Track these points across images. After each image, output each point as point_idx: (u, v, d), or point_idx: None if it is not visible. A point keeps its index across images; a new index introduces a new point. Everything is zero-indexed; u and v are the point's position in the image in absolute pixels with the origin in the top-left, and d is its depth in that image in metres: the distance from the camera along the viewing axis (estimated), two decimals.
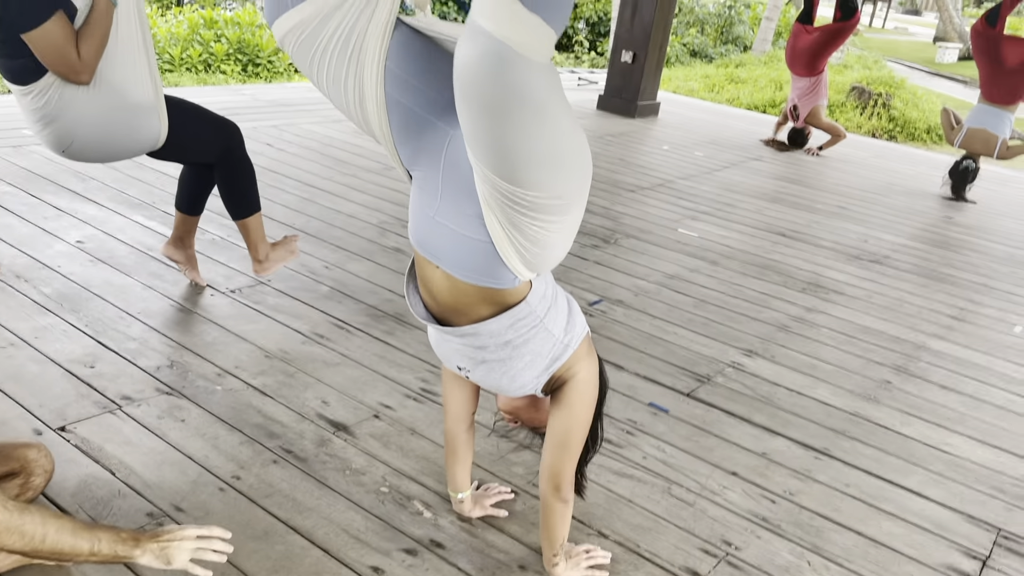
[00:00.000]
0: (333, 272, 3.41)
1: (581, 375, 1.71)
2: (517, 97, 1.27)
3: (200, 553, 1.59)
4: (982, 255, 4.97)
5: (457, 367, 1.75)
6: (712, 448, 2.51)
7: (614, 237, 4.36)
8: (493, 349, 1.64)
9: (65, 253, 3.19)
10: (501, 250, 1.48)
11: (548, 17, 1.26)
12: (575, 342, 1.71)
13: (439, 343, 1.76)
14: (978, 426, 2.88)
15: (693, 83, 12.74)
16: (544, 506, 1.80)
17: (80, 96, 2.38)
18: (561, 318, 1.68)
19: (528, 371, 1.67)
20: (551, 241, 1.48)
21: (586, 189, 1.48)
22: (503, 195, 1.39)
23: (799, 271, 4.23)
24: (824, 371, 3.13)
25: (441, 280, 1.60)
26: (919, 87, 13.85)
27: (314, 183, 4.55)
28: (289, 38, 1.52)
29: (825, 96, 7.08)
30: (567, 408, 1.72)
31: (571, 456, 1.75)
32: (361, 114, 1.54)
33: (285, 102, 6.49)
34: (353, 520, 1.98)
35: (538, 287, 1.63)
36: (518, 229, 1.44)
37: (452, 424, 1.95)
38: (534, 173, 1.35)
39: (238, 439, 2.23)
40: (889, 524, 2.27)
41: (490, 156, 1.34)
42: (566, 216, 1.46)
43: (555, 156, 1.36)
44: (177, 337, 2.71)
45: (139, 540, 1.56)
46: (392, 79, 1.49)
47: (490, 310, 1.60)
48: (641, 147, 6.79)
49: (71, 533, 1.50)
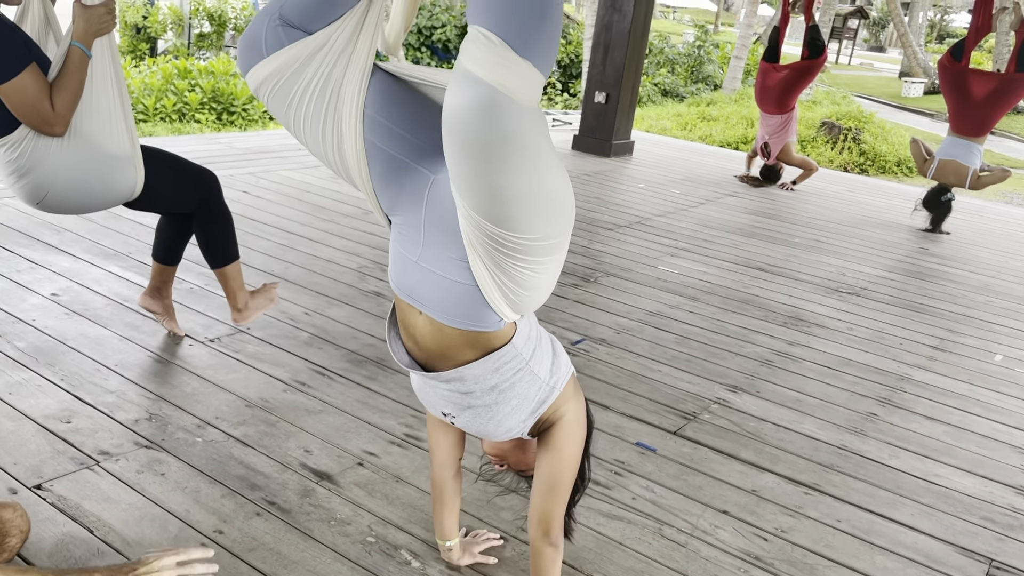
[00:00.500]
0: (313, 318, 3.38)
1: (568, 416, 1.69)
2: (508, 141, 1.28)
3: None
4: (959, 285, 5.02)
5: (442, 413, 1.72)
6: (701, 486, 2.49)
7: (594, 276, 4.37)
8: (479, 394, 1.62)
9: (40, 306, 3.14)
10: (486, 293, 1.47)
11: (537, 62, 1.28)
12: (561, 384, 1.69)
13: (423, 389, 1.73)
14: (965, 456, 2.88)
15: (666, 122, 12.91)
16: (534, 552, 1.77)
17: (54, 148, 2.36)
18: (546, 360, 1.67)
19: (515, 415, 1.64)
20: (537, 283, 1.48)
21: (570, 229, 1.48)
22: (489, 238, 1.38)
23: (779, 305, 4.24)
24: (810, 405, 3.13)
25: (424, 325, 1.58)
26: (887, 121, 14.13)
27: (292, 229, 4.53)
28: (264, 87, 1.52)
29: (795, 133, 7.19)
30: (555, 450, 1.69)
31: (560, 499, 1.72)
32: (340, 161, 1.53)
33: (261, 149, 6.49)
34: (340, 572, 1.93)
35: (523, 328, 1.61)
36: (504, 271, 1.43)
37: (439, 470, 1.91)
38: (522, 215, 1.35)
39: (220, 492, 2.18)
40: (883, 559, 2.25)
41: (479, 199, 1.34)
42: (552, 257, 1.45)
43: (542, 198, 1.36)
44: (155, 389, 2.67)
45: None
46: (371, 125, 1.49)
47: (475, 354, 1.58)
48: (617, 185, 6.85)
49: None
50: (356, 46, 1.49)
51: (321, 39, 1.48)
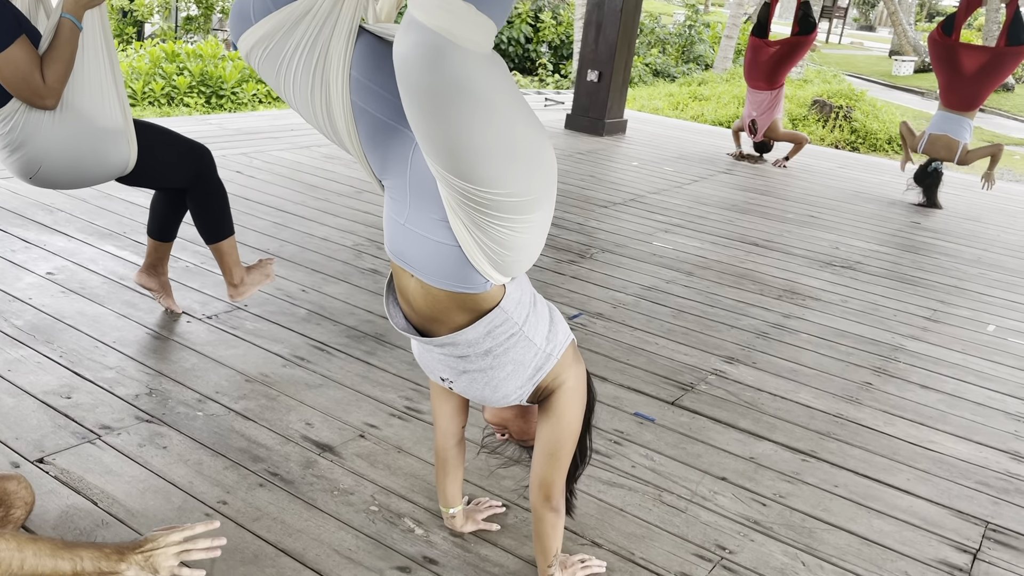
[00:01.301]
0: (310, 295, 3.37)
1: (568, 383, 1.70)
2: (455, 87, 1.25)
3: (187, 555, 1.55)
4: (952, 258, 5.05)
5: (440, 378, 1.73)
6: (700, 454, 2.51)
7: (590, 252, 4.37)
8: (474, 359, 1.63)
9: (36, 285, 3.13)
10: (469, 253, 1.47)
11: (483, 6, 1.23)
12: (558, 351, 1.69)
13: (421, 354, 1.74)
14: (959, 423, 2.90)
15: (658, 102, 12.88)
16: (536, 518, 1.78)
17: (46, 121, 2.35)
18: (542, 327, 1.67)
19: (510, 381, 1.65)
20: (518, 243, 1.47)
21: (549, 189, 1.46)
22: (461, 194, 1.37)
23: (774, 279, 4.26)
24: (805, 375, 3.15)
25: (416, 288, 1.59)
26: (878, 99, 14.12)
27: (286, 208, 4.52)
28: (255, 52, 1.52)
29: (782, 110, 7.19)
30: (555, 417, 1.70)
31: (560, 466, 1.73)
32: (329, 124, 1.53)
33: (252, 130, 6.46)
34: (344, 540, 1.95)
35: (512, 293, 1.61)
36: (482, 230, 1.43)
37: (442, 439, 1.92)
38: (485, 168, 1.33)
39: (222, 464, 2.19)
40: (880, 522, 2.27)
41: (439, 151, 1.33)
42: (529, 215, 1.43)
43: (506, 150, 1.33)
44: (155, 365, 2.67)
45: (123, 554, 1.52)
46: (357, 87, 1.48)
47: (466, 317, 1.58)
48: (611, 164, 6.84)
49: (50, 555, 1.45)
50: (342, 9, 1.48)
51: (307, 3, 1.48)
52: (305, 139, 6.27)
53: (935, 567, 2.11)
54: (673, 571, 1.98)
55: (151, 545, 1.54)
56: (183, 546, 1.55)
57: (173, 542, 1.55)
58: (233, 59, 10.29)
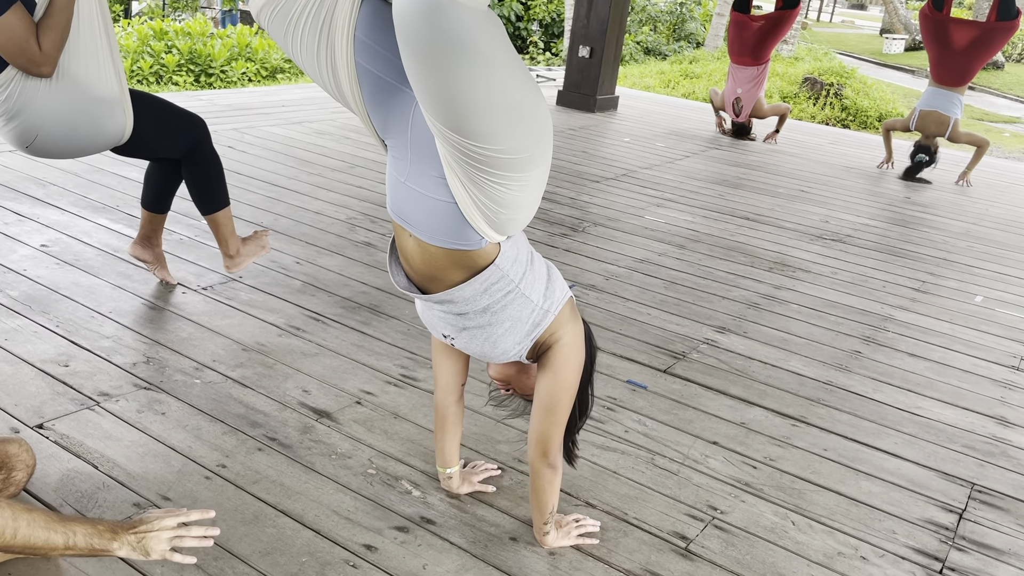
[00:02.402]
0: (304, 267, 3.39)
1: (565, 339, 1.73)
2: (452, 42, 1.27)
3: (180, 541, 1.54)
4: (940, 231, 5.09)
5: (442, 335, 1.77)
6: (692, 420, 2.55)
7: (582, 225, 4.39)
8: (472, 316, 1.67)
9: (30, 257, 3.14)
10: (465, 210, 1.50)
11: None
12: (555, 308, 1.72)
13: (424, 312, 1.79)
14: (946, 389, 2.95)
15: (649, 79, 12.86)
16: (533, 473, 1.82)
17: (43, 90, 2.35)
18: (539, 284, 1.70)
19: (508, 337, 1.69)
20: (513, 200, 1.50)
21: (544, 148, 1.48)
22: (457, 150, 1.40)
23: (765, 252, 4.29)
24: (796, 344, 3.19)
25: (414, 247, 1.62)
26: (868, 77, 14.14)
27: (279, 183, 4.52)
28: (264, 12, 1.54)
29: (764, 87, 7.20)
30: (552, 372, 1.73)
31: (557, 421, 1.76)
32: (335, 84, 1.56)
33: (243, 106, 6.43)
34: (342, 502, 1.98)
35: (508, 251, 1.63)
36: (478, 187, 1.46)
37: (442, 396, 1.96)
38: (480, 123, 1.35)
39: (221, 429, 2.21)
40: (868, 484, 2.32)
41: (435, 106, 1.35)
42: (524, 174, 1.46)
43: (501, 105, 1.35)
44: (151, 334, 2.68)
45: (116, 532, 1.51)
46: (362, 48, 1.51)
47: (462, 275, 1.62)
48: (603, 139, 6.85)
49: (44, 527, 1.44)
50: None
51: None
52: (297, 115, 6.26)
53: (921, 526, 2.15)
54: (666, 530, 2.02)
55: (145, 527, 1.53)
56: (177, 531, 1.54)
57: (167, 526, 1.54)
58: (222, 37, 10.22)
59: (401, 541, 1.87)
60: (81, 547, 1.48)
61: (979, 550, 2.09)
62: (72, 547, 1.47)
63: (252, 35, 10.47)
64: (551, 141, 1.51)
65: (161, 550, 1.52)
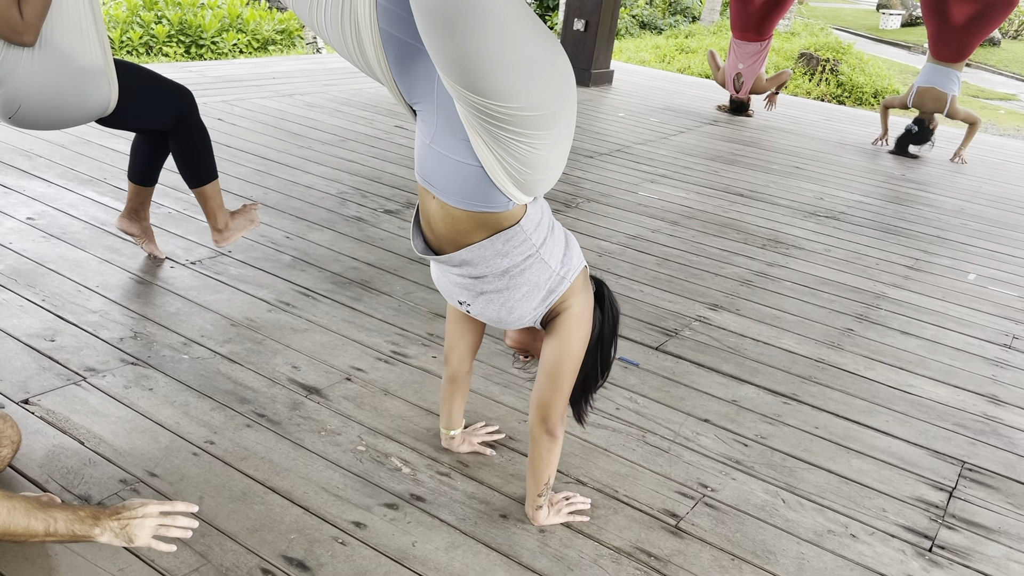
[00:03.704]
0: (294, 242, 3.36)
1: (574, 309, 1.72)
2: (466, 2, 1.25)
3: (163, 530, 1.53)
4: (934, 209, 5.08)
5: (458, 302, 1.76)
6: (683, 398, 2.54)
7: (576, 201, 4.37)
8: (491, 279, 1.66)
9: (16, 230, 3.10)
10: (491, 172, 1.49)
11: None
12: (571, 274, 1.72)
13: (439, 278, 1.78)
14: (938, 368, 2.95)
15: (644, 54, 12.78)
16: (532, 439, 1.80)
17: (25, 59, 2.30)
18: (558, 249, 1.69)
19: (526, 302, 1.68)
20: (540, 160, 1.48)
21: (566, 103, 1.46)
22: (478, 110, 1.38)
23: (758, 228, 4.27)
24: (788, 321, 3.18)
25: (437, 209, 1.61)
26: (865, 53, 14.06)
27: (269, 156, 4.47)
28: None
29: (765, 63, 7.15)
30: (558, 340, 1.73)
31: (560, 388, 1.75)
32: (360, 54, 1.55)
33: (233, 78, 6.36)
34: (331, 478, 1.97)
35: (532, 214, 1.63)
36: (503, 147, 1.44)
37: (457, 365, 1.97)
38: (497, 81, 1.33)
39: (209, 405, 2.19)
40: (858, 462, 2.31)
41: (450, 66, 1.33)
42: (549, 131, 1.45)
43: (516, 61, 1.33)
44: (139, 309, 2.65)
45: (99, 518, 1.49)
46: (384, 13, 1.49)
47: (484, 236, 1.61)
48: (597, 114, 6.80)
49: (24, 514, 1.43)
50: None
51: None
52: (287, 87, 6.19)
53: (911, 504, 2.15)
54: (656, 507, 2.01)
55: (128, 514, 1.52)
56: (161, 519, 1.54)
57: (151, 514, 1.53)
58: (212, 7, 10.09)
59: (391, 518, 1.86)
60: (62, 533, 1.46)
61: (969, 528, 2.09)
62: (53, 533, 1.45)
63: (243, 5, 10.34)
64: (574, 96, 1.49)
65: (145, 537, 1.51)
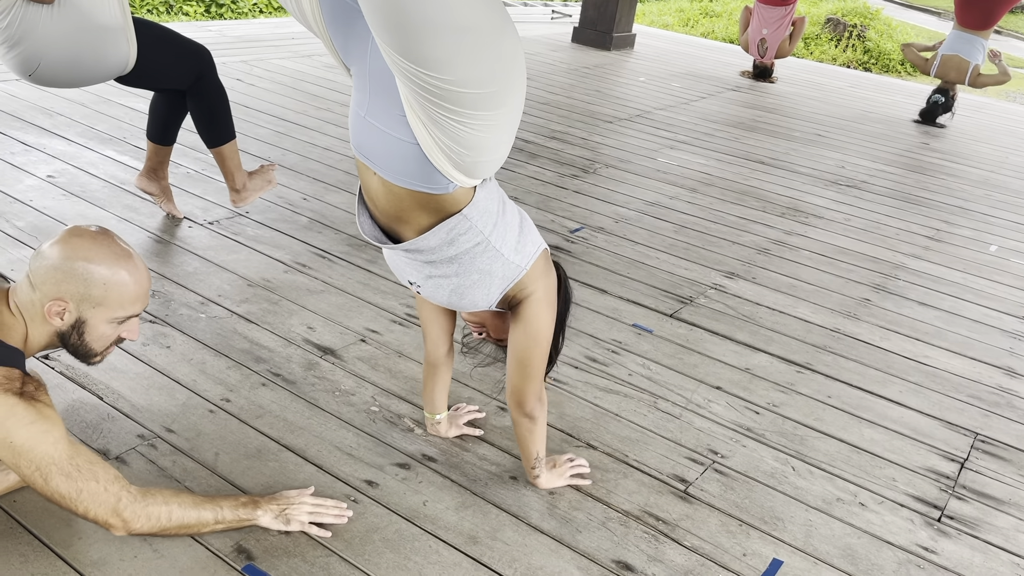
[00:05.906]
0: (311, 203, 3.37)
1: (537, 295, 1.67)
2: None
3: (319, 516, 1.68)
4: (957, 179, 5.01)
5: (408, 282, 1.70)
6: (696, 365, 2.54)
7: (593, 167, 4.34)
8: (439, 265, 1.59)
9: (36, 187, 3.13)
10: (428, 151, 1.40)
11: None
12: (528, 263, 1.65)
13: (390, 256, 1.69)
14: (955, 339, 2.93)
15: (668, 17, 12.60)
16: (513, 423, 1.82)
17: (44, 17, 2.30)
18: (510, 236, 1.62)
19: (477, 290, 1.62)
20: (476, 142, 1.39)
21: (511, 83, 1.36)
22: (411, 80, 1.29)
23: (778, 197, 4.24)
24: (804, 291, 3.16)
25: (378, 186, 1.53)
26: (893, 19, 13.79)
27: (288, 117, 4.47)
28: None
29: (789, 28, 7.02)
30: (523, 327, 1.69)
31: (530, 374, 1.73)
32: (296, 4, 1.48)
33: (253, 38, 6.33)
34: (345, 438, 1.99)
35: (479, 201, 1.54)
36: (439, 126, 1.36)
37: (432, 348, 1.93)
38: (429, 46, 1.23)
39: (225, 364, 2.22)
40: (870, 431, 2.32)
41: (382, 22, 1.22)
42: (488, 112, 1.35)
43: (455, 26, 1.22)
44: (157, 268, 2.68)
45: (258, 503, 1.65)
46: None
47: (429, 218, 1.53)
48: (617, 79, 6.73)
49: (193, 506, 1.56)
50: None
51: None
52: (307, 47, 6.16)
53: (922, 474, 2.16)
54: (666, 473, 2.03)
55: (286, 500, 1.68)
56: (317, 504, 1.70)
57: (308, 500, 1.69)
58: None
59: (402, 477, 1.88)
60: (230, 519, 1.61)
61: (979, 499, 2.09)
62: (222, 520, 1.60)
63: None
64: (522, 79, 1.39)
65: (301, 520, 1.66)
